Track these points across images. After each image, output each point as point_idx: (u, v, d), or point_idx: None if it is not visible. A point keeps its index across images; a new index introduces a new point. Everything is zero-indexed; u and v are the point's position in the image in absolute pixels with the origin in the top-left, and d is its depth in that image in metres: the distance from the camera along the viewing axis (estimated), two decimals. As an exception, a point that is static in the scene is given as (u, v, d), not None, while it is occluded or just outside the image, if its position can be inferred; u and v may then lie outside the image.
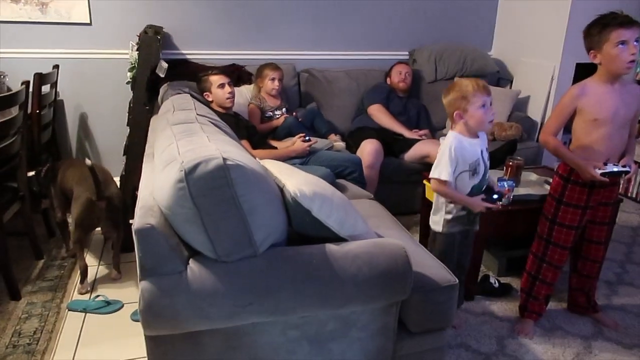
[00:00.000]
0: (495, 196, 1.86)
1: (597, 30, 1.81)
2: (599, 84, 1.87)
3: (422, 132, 3.27)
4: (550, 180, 2.40)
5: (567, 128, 2.03)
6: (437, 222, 1.95)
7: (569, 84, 3.53)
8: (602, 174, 1.82)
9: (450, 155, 1.78)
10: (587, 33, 1.86)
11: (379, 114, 3.28)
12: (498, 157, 2.74)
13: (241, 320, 1.30)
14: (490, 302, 2.33)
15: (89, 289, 2.34)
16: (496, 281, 2.39)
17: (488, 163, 1.91)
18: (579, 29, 1.91)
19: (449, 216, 1.90)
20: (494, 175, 2.45)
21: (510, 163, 2.41)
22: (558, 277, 2.11)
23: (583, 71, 3.38)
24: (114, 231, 2.43)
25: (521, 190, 2.34)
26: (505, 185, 2.17)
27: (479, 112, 1.78)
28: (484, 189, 1.90)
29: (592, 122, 1.87)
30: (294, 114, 3.16)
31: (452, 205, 1.90)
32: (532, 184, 2.48)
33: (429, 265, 1.64)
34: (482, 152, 1.87)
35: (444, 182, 1.81)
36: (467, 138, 1.83)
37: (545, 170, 2.80)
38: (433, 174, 1.82)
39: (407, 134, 3.20)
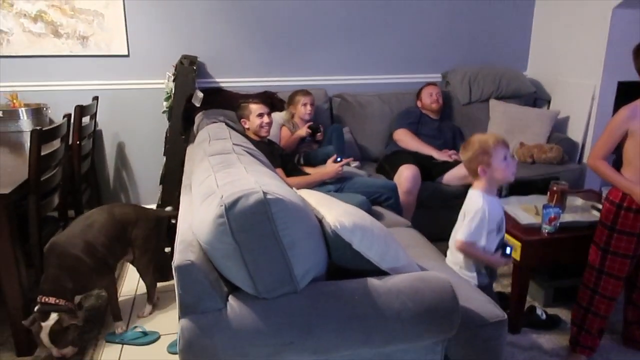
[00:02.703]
0: (507, 251, 1.85)
1: None
2: (651, 105, 1.78)
3: (451, 152, 3.18)
4: (598, 205, 2.30)
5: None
6: (470, 277, 1.89)
7: (611, 103, 3.41)
8: None
9: (483, 219, 1.79)
10: (638, 53, 1.77)
11: (405, 138, 3.23)
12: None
13: (281, 359, 1.26)
14: (537, 335, 2.21)
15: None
16: (543, 312, 2.27)
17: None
18: (620, 45, 1.84)
19: (479, 274, 1.89)
20: (539, 201, 2.36)
21: (555, 188, 2.30)
22: (612, 310, 1.99)
23: (626, 90, 3.27)
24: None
25: (567, 217, 2.24)
26: (552, 213, 2.09)
27: (502, 164, 1.80)
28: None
29: (645, 145, 1.77)
30: (320, 127, 3.12)
31: (479, 264, 1.88)
32: (579, 210, 2.37)
33: (475, 299, 1.56)
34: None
35: (472, 244, 1.81)
36: (491, 197, 1.85)
37: (590, 194, 2.67)
38: (460, 236, 1.82)
39: (436, 154, 3.13)
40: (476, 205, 1.80)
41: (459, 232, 1.83)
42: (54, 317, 1.89)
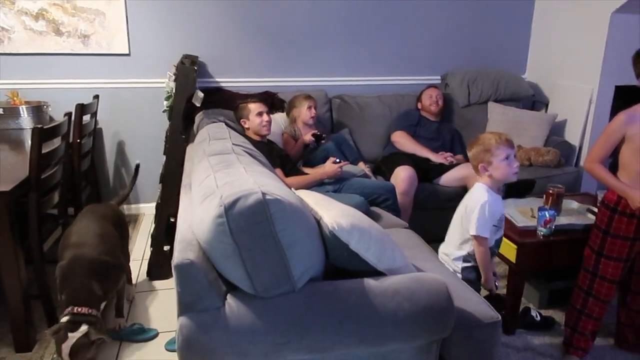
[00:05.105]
0: (497, 284, 2.00)
1: None
2: (649, 110, 1.81)
3: (447, 154, 3.20)
4: (594, 208, 2.32)
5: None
6: (457, 269, 1.96)
7: (608, 107, 3.43)
8: None
9: (484, 211, 1.83)
10: (637, 59, 1.80)
11: (402, 140, 3.25)
12: (513, 192, 2.68)
13: (279, 358, 1.27)
14: (532, 336, 2.23)
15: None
16: (538, 314, 2.30)
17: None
18: (618, 50, 1.85)
19: (468, 264, 1.95)
20: (535, 203, 2.38)
21: (551, 191, 2.33)
22: (606, 312, 2.01)
23: (624, 94, 3.29)
24: None
25: (563, 220, 2.26)
26: (547, 215, 2.11)
27: (502, 164, 1.85)
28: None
29: (641, 150, 1.80)
30: (323, 135, 3.13)
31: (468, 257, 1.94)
32: (574, 213, 2.39)
33: (470, 300, 1.58)
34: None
35: (484, 238, 1.85)
36: (493, 193, 1.89)
37: (586, 197, 2.70)
38: (475, 231, 1.84)
39: (433, 157, 3.15)
40: (481, 199, 1.85)
41: (471, 227, 1.85)
42: (83, 329, 1.76)
